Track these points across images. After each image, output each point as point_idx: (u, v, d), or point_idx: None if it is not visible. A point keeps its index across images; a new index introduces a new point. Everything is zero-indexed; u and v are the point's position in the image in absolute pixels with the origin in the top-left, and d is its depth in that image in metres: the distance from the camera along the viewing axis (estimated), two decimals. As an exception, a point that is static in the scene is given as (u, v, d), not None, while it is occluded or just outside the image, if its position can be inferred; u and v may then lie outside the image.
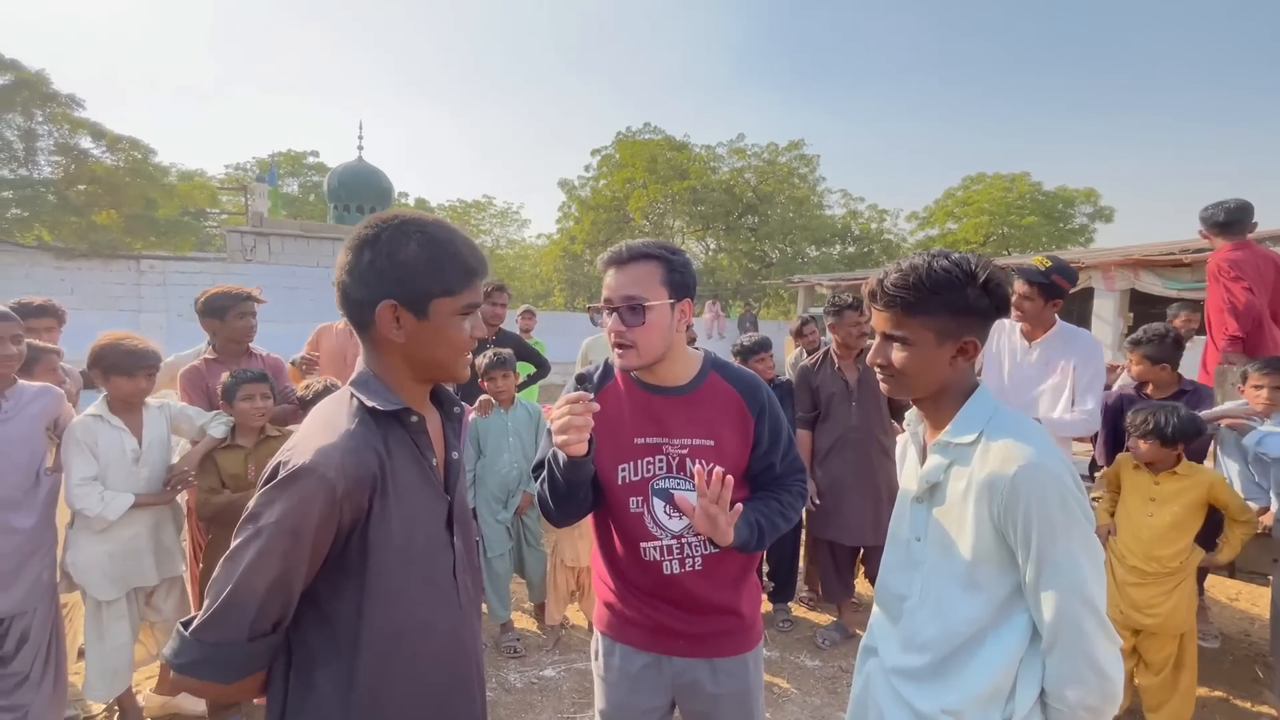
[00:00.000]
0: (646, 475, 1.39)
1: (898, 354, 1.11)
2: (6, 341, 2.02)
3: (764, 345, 3.55)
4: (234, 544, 0.86)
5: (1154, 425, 2.43)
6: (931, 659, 1.11)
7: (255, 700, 1.29)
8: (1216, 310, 3.54)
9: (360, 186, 15.10)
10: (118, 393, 2.33)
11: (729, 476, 1.28)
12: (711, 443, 1.38)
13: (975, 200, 22.34)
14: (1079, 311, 11.27)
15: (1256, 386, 2.82)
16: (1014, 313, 2.78)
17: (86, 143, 12.24)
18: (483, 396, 3.22)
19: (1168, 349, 2.96)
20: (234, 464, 2.44)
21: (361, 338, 1.01)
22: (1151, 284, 9.37)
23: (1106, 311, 10.24)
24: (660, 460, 1.38)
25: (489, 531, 3.17)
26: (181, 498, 2.63)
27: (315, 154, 26.97)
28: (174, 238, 13.65)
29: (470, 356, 1.07)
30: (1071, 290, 2.80)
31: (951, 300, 1.05)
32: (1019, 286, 2.75)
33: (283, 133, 73.94)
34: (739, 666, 1.44)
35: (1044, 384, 2.76)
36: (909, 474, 1.25)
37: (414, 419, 0.99)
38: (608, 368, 1.49)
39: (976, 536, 1.06)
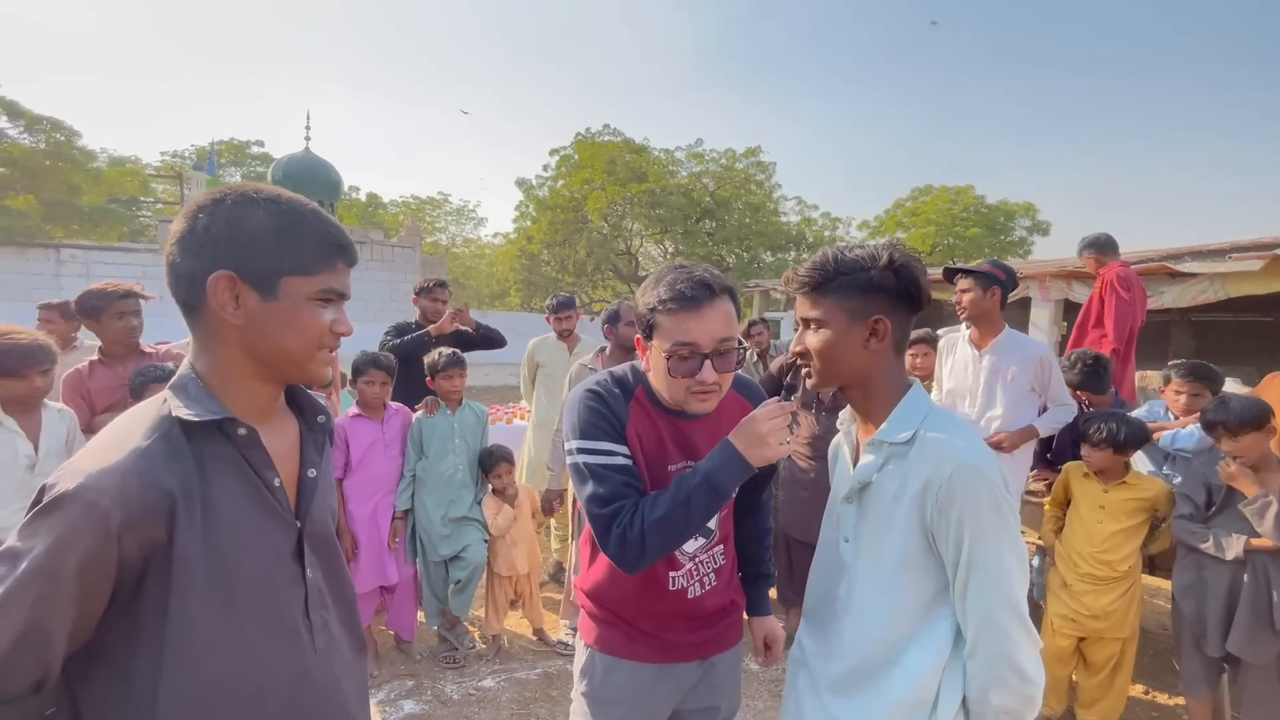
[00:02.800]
0: None
1: (813, 338, 1.13)
2: None
3: None
4: None
5: (1107, 434, 2.50)
6: (856, 665, 1.09)
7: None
8: (1096, 317, 3.98)
9: (307, 179, 14.47)
10: (9, 394, 2.10)
11: None
12: None
13: (923, 211, 23.16)
14: (1018, 320, 11.77)
15: (1177, 392, 2.96)
16: (959, 312, 2.85)
17: (1, 122, 11.41)
18: (429, 397, 3.11)
19: (1098, 377, 3.10)
20: None
21: (191, 326, 0.84)
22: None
23: (1042, 320, 10.72)
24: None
25: (430, 534, 3.02)
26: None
27: (260, 144, 25.93)
28: (100, 226, 12.85)
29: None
30: (1010, 286, 2.89)
31: (858, 279, 1.08)
32: (959, 281, 2.81)
33: (226, 121, 70.84)
34: (735, 655, 1.51)
35: (998, 389, 2.82)
36: (840, 474, 1.24)
37: (242, 431, 0.82)
38: (623, 384, 1.33)
39: (905, 538, 1.04)
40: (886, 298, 1.09)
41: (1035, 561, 3.06)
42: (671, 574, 1.34)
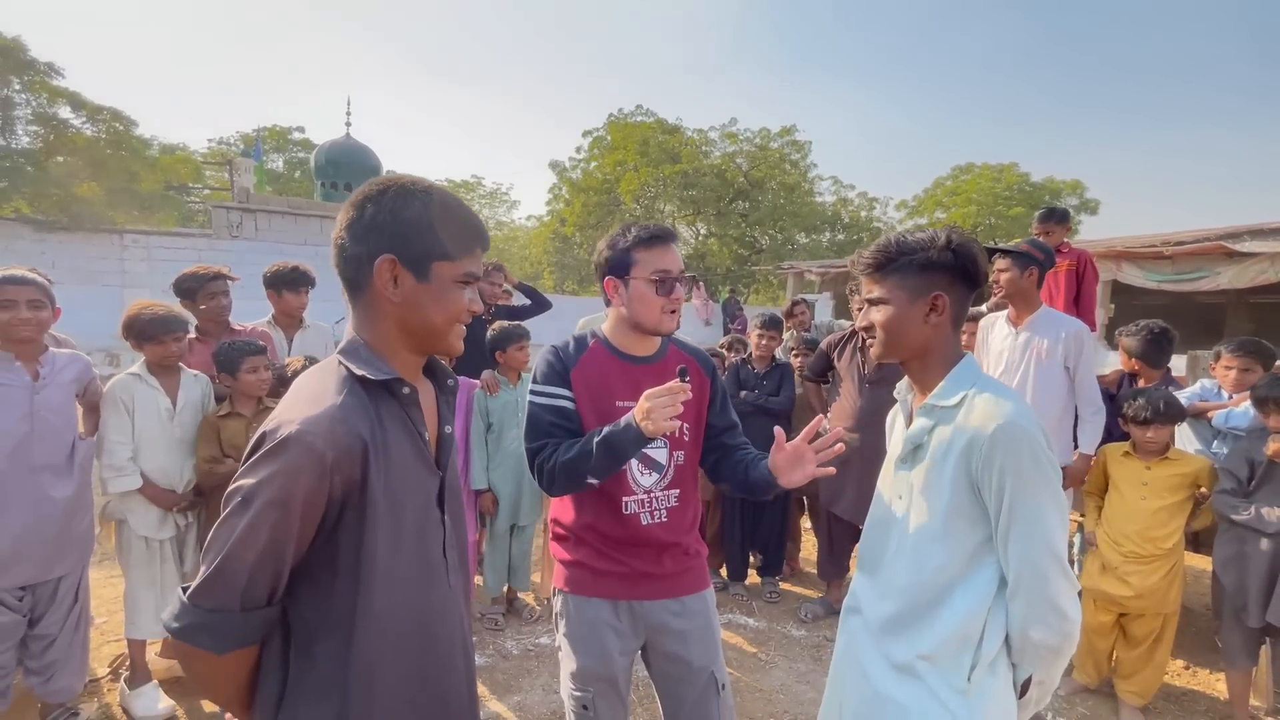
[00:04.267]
0: None
1: (877, 314, 1.24)
2: (21, 306, 2.04)
3: (775, 323, 3.82)
4: (223, 514, 0.83)
5: (1158, 409, 2.54)
6: (906, 605, 1.21)
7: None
8: (1069, 297, 4.03)
9: (348, 164, 14.87)
10: (150, 357, 2.45)
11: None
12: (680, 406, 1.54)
13: (964, 190, 22.50)
14: (1062, 301, 11.44)
15: (1227, 367, 2.95)
16: (996, 290, 2.90)
17: (66, 112, 11.95)
18: (486, 373, 3.21)
19: (1160, 350, 3.08)
20: (236, 434, 2.49)
21: (354, 302, 0.97)
22: (1133, 275, 9.56)
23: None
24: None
25: (502, 505, 3.19)
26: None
27: (301, 129, 26.47)
28: (157, 212, 13.41)
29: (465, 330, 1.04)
30: (1047, 266, 2.94)
31: (918, 259, 1.19)
32: (997, 261, 2.86)
33: (267, 107, 72.37)
34: (700, 603, 1.62)
35: (1031, 365, 2.87)
36: (896, 439, 1.34)
37: (406, 390, 0.95)
38: (579, 340, 1.63)
39: (953, 491, 1.15)
40: (945, 276, 1.19)
41: (1076, 540, 3.10)
42: (625, 499, 1.54)
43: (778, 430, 1.46)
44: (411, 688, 0.96)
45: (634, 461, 1.53)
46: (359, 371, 0.91)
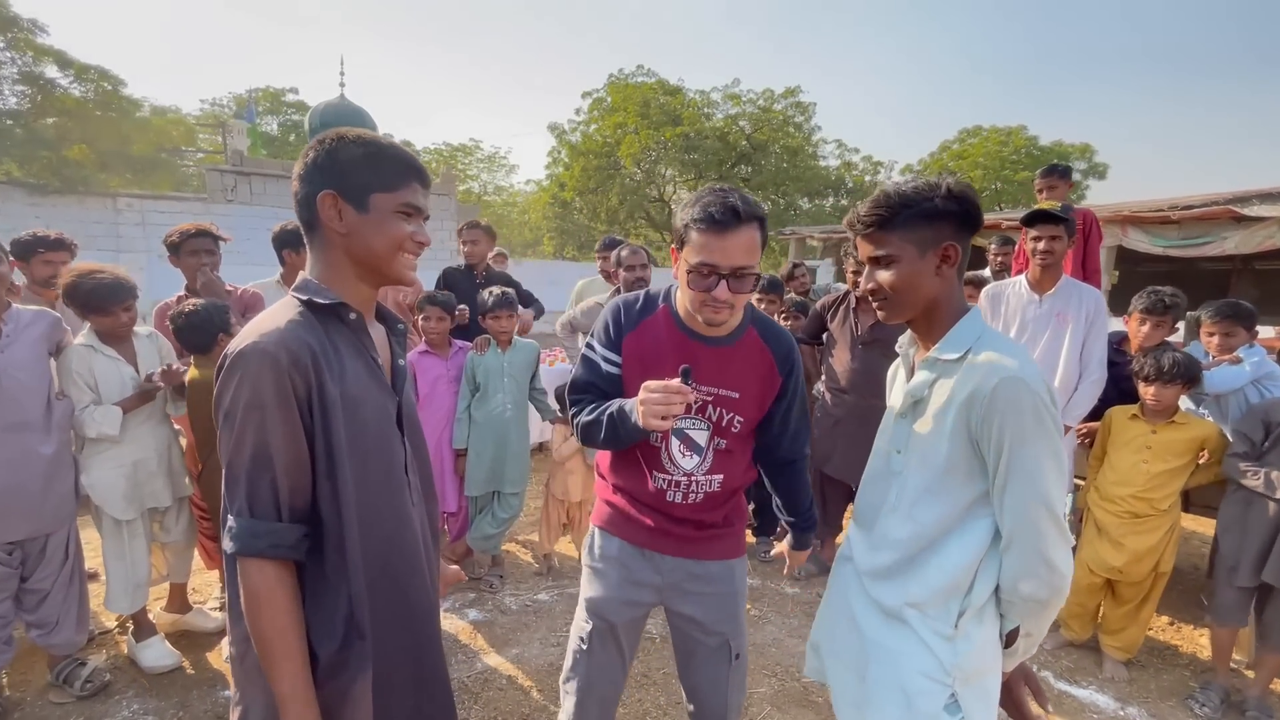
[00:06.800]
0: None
1: (885, 274, 1.18)
2: None
3: (775, 286, 3.73)
4: (219, 439, 0.95)
5: (1161, 368, 2.51)
6: (899, 557, 1.21)
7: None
8: (1077, 259, 3.93)
9: (343, 126, 14.52)
10: (99, 329, 2.34)
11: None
12: (737, 395, 1.44)
13: (970, 154, 22.15)
14: (1065, 267, 11.32)
15: (1209, 333, 2.92)
16: (1042, 260, 2.81)
17: (53, 72, 11.66)
18: (481, 335, 3.23)
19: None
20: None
21: (310, 243, 1.07)
22: (1138, 240, 9.43)
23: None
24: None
25: (473, 471, 3.17)
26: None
27: (294, 91, 25.87)
28: (150, 175, 13.21)
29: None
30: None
31: (923, 210, 1.13)
32: (1045, 229, 2.78)
33: (260, 68, 70.58)
34: (724, 571, 1.55)
35: (1052, 335, 2.84)
36: (896, 393, 1.33)
37: (353, 315, 1.05)
38: (649, 300, 1.49)
39: (952, 445, 1.14)
40: (951, 224, 1.15)
41: (1069, 499, 3.13)
42: (654, 473, 1.48)
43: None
44: (385, 586, 1.05)
45: (675, 440, 1.45)
46: (305, 298, 1.02)
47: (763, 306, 3.65)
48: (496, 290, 3.20)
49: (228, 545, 0.94)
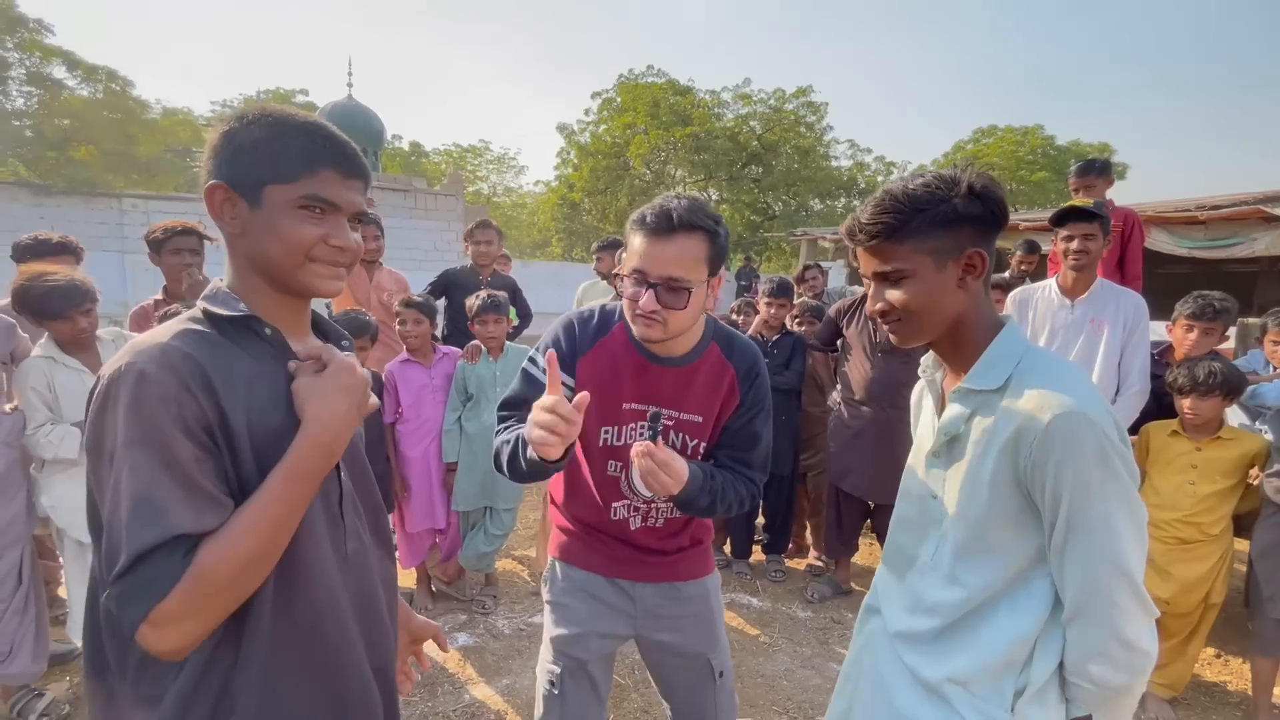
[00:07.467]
0: (630, 440, 1.31)
1: (896, 293, 0.97)
2: None
3: (785, 289, 3.47)
4: (96, 487, 0.75)
5: (1196, 378, 2.28)
6: (940, 624, 1.01)
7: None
8: (1116, 258, 3.67)
9: (350, 126, 14.31)
10: (57, 336, 2.15)
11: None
12: (700, 419, 1.34)
13: (985, 155, 21.77)
14: (1085, 269, 11.07)
15: (1275, 341, 2.71)
16: (1075, 261, 2.58)
17: (60, 72, 11.67)
18: (472, 343, 3.05)
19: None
20: None
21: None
22: (1163, 241, 9.13)
23: (1113, 269, 10.05)
24: (645, 428, 1.27)
25: (461, 486, 2.98)
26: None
27: (304, 92, 25.86)
28: (156, 176, 13.21)
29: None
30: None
31: (939, 214, 0.92)
32: (1077, 228, 2.55)
33: (269, 69, 71.12)
34: (699, 589, 1.47)
35: (1085, 344, 2.59)
36: (925, 426, 1.12)
37: (268, 330, 0.86)
38: (604, 317, 1.36)
39: (998, 495, 0.94)
40: (974, 227, 0.94)
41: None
42: (614, 504, 1.39)
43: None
44: (305, 656, 0.85)
45: (634, 469, 1.30)
46: (210, 309, 0.84)
47: (772, 311, 3.43)
48: (483, 294, 3.02)
49: (126, 620, 0.71)
